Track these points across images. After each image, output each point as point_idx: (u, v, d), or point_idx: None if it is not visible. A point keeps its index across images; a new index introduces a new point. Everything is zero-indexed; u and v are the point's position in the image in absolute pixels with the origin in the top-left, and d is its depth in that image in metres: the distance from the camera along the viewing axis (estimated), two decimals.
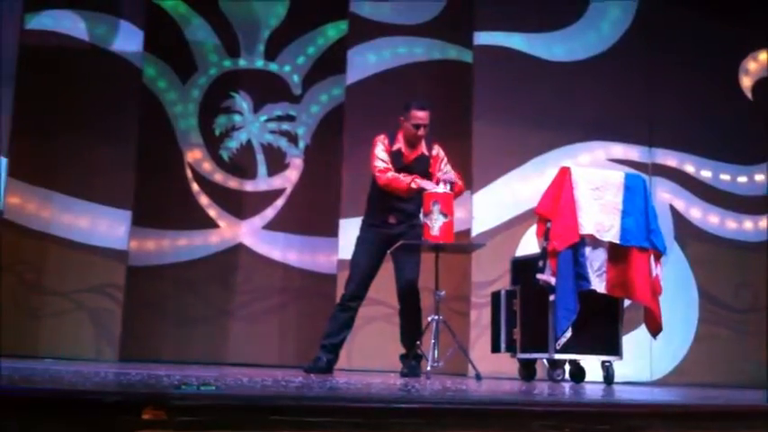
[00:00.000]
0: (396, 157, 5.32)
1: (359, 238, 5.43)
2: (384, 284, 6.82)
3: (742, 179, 7.54)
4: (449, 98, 7.53)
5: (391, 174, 5.21)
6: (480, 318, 6.55)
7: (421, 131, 5.31)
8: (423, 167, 5.33)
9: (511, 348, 5.36)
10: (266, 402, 2.11)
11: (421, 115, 5.32)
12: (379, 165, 5.25)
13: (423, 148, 5.39)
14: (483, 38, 7.22)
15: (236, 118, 8.02)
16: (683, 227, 7.34)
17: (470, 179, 6.95)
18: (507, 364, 5.66)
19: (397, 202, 5.29)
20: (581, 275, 4.93)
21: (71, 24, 7.27)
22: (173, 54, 7.95)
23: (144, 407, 1.89)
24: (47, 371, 3.56)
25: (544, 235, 5.06)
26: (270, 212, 7.90)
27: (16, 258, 6.71)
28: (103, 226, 7.01)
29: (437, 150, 5.43)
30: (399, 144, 5.37)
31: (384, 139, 5.36)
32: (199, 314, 7.62)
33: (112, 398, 1.99)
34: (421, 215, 5.25)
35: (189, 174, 7.85)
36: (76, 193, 7.03)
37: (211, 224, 7.82)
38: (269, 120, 8.04)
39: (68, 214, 7.02)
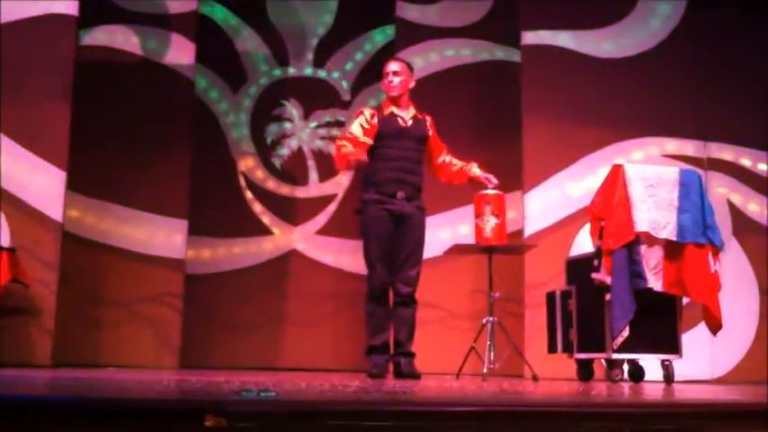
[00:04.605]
0: (390, 122, 5.08)
1: (366, 220, 4.98)
2: (438, 287, 6.82)
3: None
4: (498, 99, 7.52)
5: (344, 148, 4.93)
6: (535, 319, 6.49)
7: (393, 80, 5.11)
8: (421, 130, 5.16)
9: (567, 349, 5.32)
10: (325, 408, 2.13)
11: (390, 64, 5.22)
12: (344, 134, 5.12)
13: (416, 112, 5.20)
14: (530, 37, 7.17)
15: (287, 125, 8.09)
16: (741, 221, 7.19)
17: (522, 179, 6.92)
18: (564, 365, 5.61)
19: (405, 174, 5.01)
20: (637, 274, 4.87)
21: (124, 39, 7.42)
22: (224, 65, 8.06)
23: (205, 414, 1.93)
24: (110, 379, 3.63)
25: (598, 234, 5.01)
26: (322, 218, 7.95)
27: (77, 270, 6.85)
28: (160, 236, 7.14)
29: (429, 120, 5.26)
30: (390, 108, 5.15)
31: (369, 108, 5.19)
32: (255, 320, 7.69)
33: (174, 405, 2.03)
34: (473, 217, 5.23)
35: (242, 182, 7.95)
36: (133, 205, 7.17)
37: (265, 231, 7.90)
38: (319, 126, 8.10)
39: (126, 225, 7.16)
